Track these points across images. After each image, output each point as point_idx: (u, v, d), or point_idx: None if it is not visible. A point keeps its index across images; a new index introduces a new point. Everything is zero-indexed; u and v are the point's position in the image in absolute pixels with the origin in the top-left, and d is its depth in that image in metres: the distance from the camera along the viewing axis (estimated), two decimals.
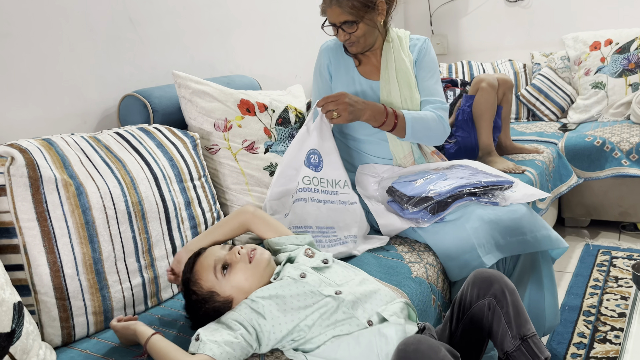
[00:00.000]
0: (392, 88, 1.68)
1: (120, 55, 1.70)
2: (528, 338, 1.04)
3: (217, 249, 1.14)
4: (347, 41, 1.62)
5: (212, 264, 1.10)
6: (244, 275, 1.09)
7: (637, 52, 2.79)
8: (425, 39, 1.79)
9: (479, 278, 1.14)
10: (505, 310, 1.08)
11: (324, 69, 1.75)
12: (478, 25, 3.48)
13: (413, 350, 0.90)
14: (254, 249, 1.13)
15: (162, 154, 1.40)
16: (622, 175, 2.46)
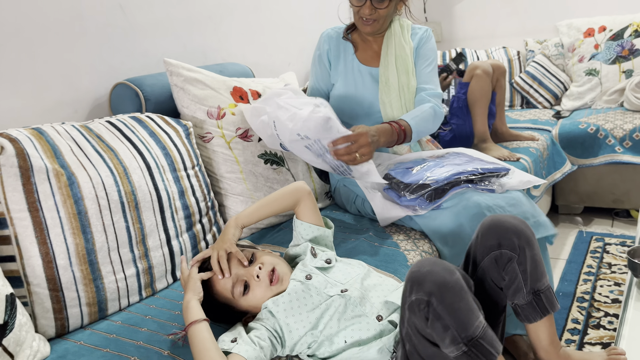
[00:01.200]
0: (390, 74, 1.68)
1: (111, 43, 1.67)
2: (541, 292, 1.02)
3: (236, 264, 1.10)
4: (370, 17, 1.59)
5: (229, 284, 1.08)
6: (264, 295, 1.07)
7: (630, 39, 2.78)
8: (427, 28, 1.80)
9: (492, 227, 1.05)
10: (523, 267, 1.02)
11: (324, 56, 1.75)
12: (472, 13, 3.46)
13: (427, 271, 0.88)
14: (273, 269, 1.09)
15: (154, 143, 1.38)
16: (616, 162, 2.46)
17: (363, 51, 1.73)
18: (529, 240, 1.03)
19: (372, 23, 1.61)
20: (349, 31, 1.76)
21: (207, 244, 1.45)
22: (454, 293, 0.87)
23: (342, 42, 1.74)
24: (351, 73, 1.72)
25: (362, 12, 1.59)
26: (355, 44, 1.74)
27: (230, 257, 1.11)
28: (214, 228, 1.49)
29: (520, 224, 1.05)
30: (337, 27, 1.78)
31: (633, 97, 2.57)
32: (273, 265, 1.10)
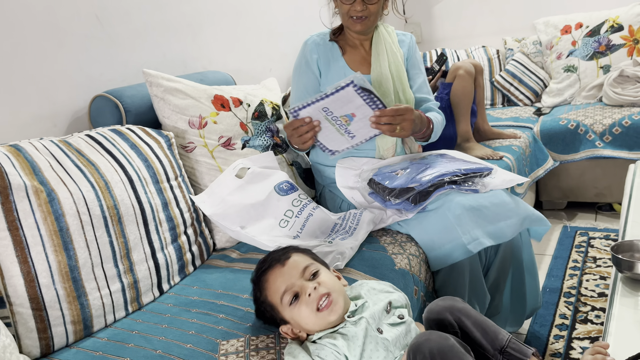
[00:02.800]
0: (383, 80, 1.65)
1: (89, 54, 1.65)
2: (506, 349, 0.99)
3: (296, 270, 1.05)
4: (362, 13, 1.56)
5: (282, 290, 1.03)
6: (308, 320, 1.01)
7: (607, 35, 2.82)
8: (411, 35, 1.80)
9: (430, 321, 1.05)
10: (473, 336, 1.01)
11: (314, 64, 1.68)
12: (451, 13, 3.49)
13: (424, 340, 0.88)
14: (329, 294, 1.02)
15: (136, 155, 1.37)
16: (597, 156, 2.50)
17: (351, 55, 1.70)
18: (460, 311, 1.02)
19: (364, 20, 1.58)
20: (335, 35, 1.72)
21: (193, 255, 1.44)
22: (452, 355, 0.87)
23: (330, 48, 1.69)
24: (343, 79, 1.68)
25: (354, 9, 1.55)
26: (342, 47, 1.71)
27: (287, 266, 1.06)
28: (199, 239, 1.48)
29: (445, 302, 1.04)
30: (321, 33, 1.73)
31: (611, 92, 2.60)
32: (329, 291, 1.02)
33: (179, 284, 1.37)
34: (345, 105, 1.42)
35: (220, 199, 1.49)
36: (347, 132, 1.49)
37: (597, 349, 0.90)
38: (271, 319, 1.08)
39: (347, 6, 1.56)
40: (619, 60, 2.77)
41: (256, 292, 1.09)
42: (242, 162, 1.60)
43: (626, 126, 2.42)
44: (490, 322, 1.03)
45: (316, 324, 1.01)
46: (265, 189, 1.53)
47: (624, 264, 1.12)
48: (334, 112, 1.44)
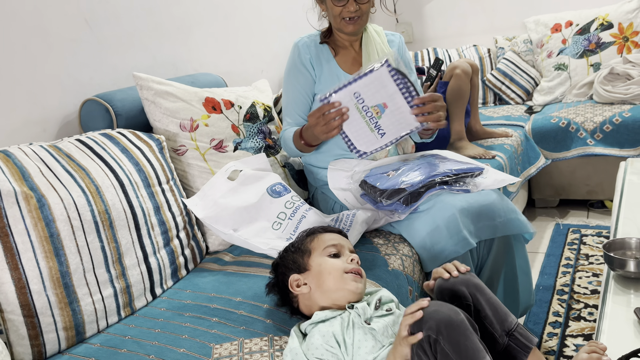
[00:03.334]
0: None
1: (78, 58, 1.64)
2: (514, 332, 1.01)
3: (350, 245, 1.15)
4: (355, 14, 1.55)
5: (332, 242, 1.11)
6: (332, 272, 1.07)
7: (596, 33, 2.84)
8: (400, 35, 1.80)
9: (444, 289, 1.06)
10: (484, 313, 1.02)
11: (308, 64, 1.66)
12: (441, 12, 3.50)
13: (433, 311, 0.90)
14: (362, 274, 1.10)
15: (127, 160, 1.36)
16: (588, 154, 2.51)
17: (342, 57, 1.69)
18: (476, 286, 1.04)
19: (357, 20, 1.58)
20: (325, 37, 1.70)
21: (186, 258, 1.44)
22: (459, 332, 0.87)
23: (321, 50, 1.68)
24: (337, 82, 1.61)
25: (347, 10, 1.54)
26: (334, 49, 1.69)
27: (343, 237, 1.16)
28: (192, 242, 1.48)
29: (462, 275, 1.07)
30: (311, 35, 1.71)
31: (602, 89, 2.62)
32: (363, 273, 1.11)
33: (172, 288, 1.37)
34: (378, 91, 1.34)
35: (212, 202, 1.49)
36: (377, 127, 1.39)
37: (593, 347, 0.90)
38: (291, 265, 1.11)
39: (340, 8, 1.55)
40: (609, 58, 2.79)
41: (303, 239, 1.15)
42: (234, 165, 1.60)
43: (617, 124, 2.43)
44: (502, 304, 1.05)
45: (336, 280, 1.06)
46: (257, 191, 1.53)
47: (616, 262, 1.13)
48: (366, 100, 1.36)
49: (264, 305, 1.19)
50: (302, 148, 1.58)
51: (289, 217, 1.48)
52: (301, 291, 1.08)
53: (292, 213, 1.49)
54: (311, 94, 1.68)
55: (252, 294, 1.25)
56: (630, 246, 1.19)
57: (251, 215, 1.47)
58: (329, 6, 1.58)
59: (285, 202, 1.51)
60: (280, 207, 1.50)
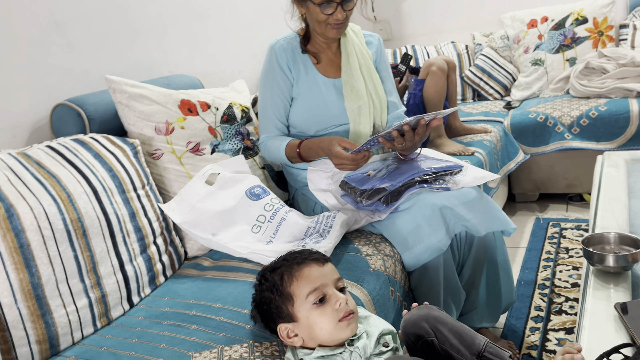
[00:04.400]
0: (355, 82, 1.63)
1: (48, 62, 1.60)
2: (483, 353, 0.99)
3: (332, 276, 1.02)
4: (340, 21, 1.53)
5: (315, 286, 0.99)
6: (324, 325, 0.98)
7: (572, 28, 2.86)
8: (378, 36, 1.79)
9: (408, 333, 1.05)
10: (449, 343, 1.00)
11: (285, 68, 1.62)
12: (419, 9, 3.50)
13: None
14: (353, 313, 1.00)
15: (100, 165, 1.33)
16: (566, 148, 2.53)
17: (322, 62, 1.67)
18: (436, 319, 1.02)
19: (341, 25, 1.56)
20: (305, 44, 1.67)
21: (163, 265, 1.41)
22: None
23: (299, 56, 1.65)
24: (316, 87, 1.63)
25: (335, 18, 1.52)
26: (315, 56, 1.67)
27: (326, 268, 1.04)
28: (170, 248, 1.45)
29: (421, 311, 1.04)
30: (287, 37, 1.67)
31: (578, 84, 2.64)
32: (354, 311, 1.01)
33: (150, 296, 1.34)
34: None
35: (190, 206, 1.46)
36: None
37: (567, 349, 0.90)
38: (275, 312, 1.01)
39: (326, 15, 1.52)
40: (584, 53, 2.82)
41: (277, 280, 1.02)
42: (212, 168, 1.57)
43: (593, 117, 2.45)
44: (467, 328, 1.03)
45: (330, 332, 0.98)
46: (236, 194, 1.50)
47: (595, 256, 1.13)
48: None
49: (244, 310, 1.17)
50: (293, 159, 1.59)
51: (268, 220, 1.46)
52: (293, 342, 1.00)
53: (272, 215, 1.47)
54: (289, 98, 1.65)
55: (232, 299, 1.22)
56: (609, 240, 1.19)
57: (230, 218, 1.45)
58: (313, 11, 1.54)
59: (265, 204, 1.49)
60: (259, 210, 1.48)
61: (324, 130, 1.65)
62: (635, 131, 2.38)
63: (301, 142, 1.56)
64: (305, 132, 1.66)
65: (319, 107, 1.63)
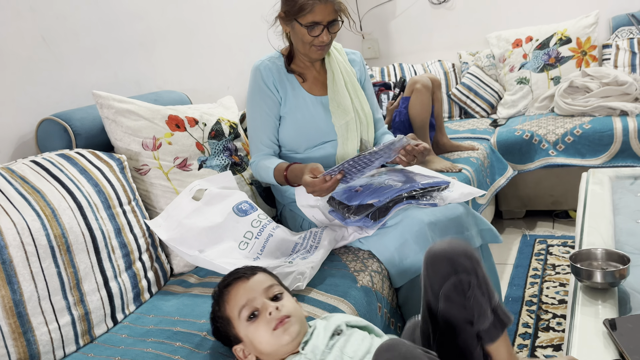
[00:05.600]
0: (341, 99, 1.64)
1: (35, 77, 1.59)
2: (497, 308, 0.96)
3: (260, 287, 1.03)
4: (324, 43, 1.55)
5: (242, 303, 1.00)
6: (262, 339, 0.98)
7: (556, 47, 2.92)
8: (359, 53, 1.82)
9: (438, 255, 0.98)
10: (481, 289, 0.96)
11: (272, 87, 1.63)
12: (406, 28, 3.55)
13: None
14: (289, 317, 0.99)
15: (85, 181, 1.31)
16: (551, 165, 2.56)
17: (307, 80, 1.68)
18: (478, 261, 0.99)
19: (324, 47, 1.58)
20: (289, 64, 1.68)
21: (149, 281, 1.39)
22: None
23: (285, 75, 1.65)
24: (303, 105, 1.64)
25: (321, 40, 1.53)
26: (301, 75, 1.67)
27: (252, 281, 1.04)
28: (155, 264, 1.43)
29: (465, 245, 1.00)
30: (271, 57, 1.68)
31: (562, 102, 2.68)
32: (290, 314, 1.00)
33: (134, 313, 1.31)
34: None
35: (176, 222, 1.45)
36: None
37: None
38: (225, 336, 1.04)
39: (312, 37, 1.53)
40: (568, 72, 2.87)
41: (215, 306, 1.06)
42: (199, 184, 1.56)
43: (577, 135, 2.49)
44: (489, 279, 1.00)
45: (269, 343, 0.98)
46: (223, 210, 1.49)
47: (583, 273, 1.13)
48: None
49: None
50: (281, 182, 1.58)
51: (255, 236, 1.45)
52: (248, 358, 1.01)
53: (259, 232, 1.46)
54: (278, 116, 1.66)
55: None
56: (596, 257, 1.20)
57: (217, 235, 1.44)
58: (299, 32, 1.54)
59: (252, 220, 1.48)
60: (246, 226, 1.47)
61: (313, 148, 1.65)
62: (619, 148, 2.41)
63: (288, 167, 1.55)
64: (295, 150, 1.66)
65: (307, 124, 1.63)
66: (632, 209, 1.53)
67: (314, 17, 1.49)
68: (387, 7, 3.55)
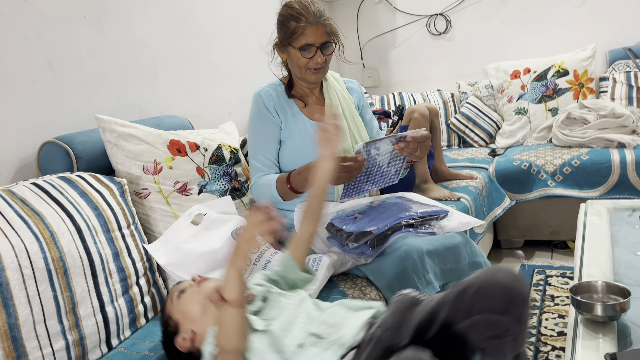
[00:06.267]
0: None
1: (39, 101, 1.61)
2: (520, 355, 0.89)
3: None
4: (320, 65, 1.60)
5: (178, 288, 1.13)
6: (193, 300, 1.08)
7: (553, 79, 2.96)
8: (357, 82, 1.86)
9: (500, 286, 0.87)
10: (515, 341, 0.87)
11: (273, 111, 1.67)
12: (406, 58, 3.60)
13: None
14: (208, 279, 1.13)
15: (85, 204, 1.31)
16: (549, 195, 2.56)
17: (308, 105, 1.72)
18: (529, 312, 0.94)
19: (320, 70, 1.62)
20: (289, 90, 1.72)
21: (145, 307, 1.38)
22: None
23: (285, 100, 1.70)
24: (303, 130, 1.67)
25: (315, 62, 1.58)
26: (302, 100, 1.71)
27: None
28: (152, 289, 1.42)
29: (528, 290, 0.92)
30: (271, 84, 1.73)
31: (560, 133, 2.71)
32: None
33: (130, 339, 1.30)
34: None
35: (175, 247, 1.44)
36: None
37: None
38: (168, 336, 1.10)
39: (307, 60, 1.58)
40: (565, 103, 2.90)
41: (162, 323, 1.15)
42: (199, 208, 1.56)
43: (575, 166, 2.50)
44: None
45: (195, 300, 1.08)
46: (222, 235, 1.49)
47: (584, 305, 1.12)
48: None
49: None
50: (285, 194, 1.58)
51: (254, 263, 1.44)
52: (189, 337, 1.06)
53: (258, 258, 1.45)
54: (278, 139, 1.69)
55: None
56: (597, 289, 1.19)
57: (215, 261, 1.43)
58: (294, 56, 1.60)
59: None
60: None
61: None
62: (617, 180, 2.43)
63: (290, 172, 1.58)
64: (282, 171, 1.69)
65: (306, 148, 1.65)
66: (631, 241, 1.53)
67: (306, 39, 1.55)
68: (388, 37, 3.61)
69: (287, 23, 1.58)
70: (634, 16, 3.02)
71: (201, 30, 2.35)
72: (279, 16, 1.63)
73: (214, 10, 2.43)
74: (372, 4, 3.59)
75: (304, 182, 1.53)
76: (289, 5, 1.60)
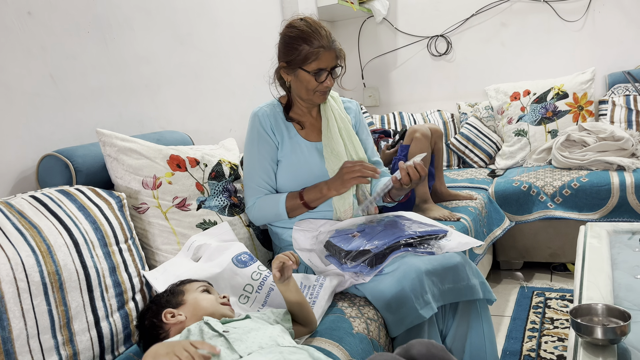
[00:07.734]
0: (335, 145, 1.67)
1: (40, 113, 1.61)
2: None
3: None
4: (329, 88, 1.61)
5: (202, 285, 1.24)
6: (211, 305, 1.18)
7: (553, 102, 2.98)
8: (356, 102, 1.87)
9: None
10: None
11: (270, 132, 1.67)
12: (407, 78, 3.63)
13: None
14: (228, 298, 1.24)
15: (83, 217, 1.31)
16: (549, 217, 2.56)
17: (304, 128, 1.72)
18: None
19: (327, 92, 1.64)
20: (287, 111, 1.72)
21: None
22: None
23: (282, 121, 1.69)
24: (299, 150, 1.67)
25: (325, 85, 1.58)
26: (300, 123, 1.71)
27: None
28: None
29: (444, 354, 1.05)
30: (269, 105, 1.72)
31: (560, 155, 2.71)
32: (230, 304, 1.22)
33: (124, 354, 1.28)
34: None
35: (174, 276, 1.41)
36: None
37: None
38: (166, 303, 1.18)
39: (317, 83, 1.58)
40: (565, 125, 2.92)
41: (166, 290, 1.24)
42: (197, 240, 1.54)
43: (575, 188, 2.50)
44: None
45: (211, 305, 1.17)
46: (222, 261, 1.47)
47: (584, 328, 1.11)
48: None
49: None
50: (293, 210, 1.61)
51: (256, 290, 1.42)
52: (177, 320, 1.13)
53: (260, 285, 1.42)
54: (275, 160, 1.68)
55: None
56: (597, 312, 1.18)
57: (215, 287, 1.41)
58: (303, 79, 1.58)
59: (252, 272, 1.45)
60: (246, 279, 1.43)
61: (297, 188, 1.68)
62: (616, 203, 2.42)
63: (303, 189, 1.62)
64: (278, 189, 1.69)
65: (302, 169, 1.66)
66: (631, 264, 1.52)
67: (319, 64, 1.54)
68: (389, 58, 3.64)
69: (297, 45, 1.55)
70: (633, 40, 3.05)
71: (204, 47, 2.37)
72: (284, 36, 1.60)
73: (216, 27, 2.45)
74: (374, 25, 3.63)
75: (317, 194, 1.58)
76: (294, 25, 1.57)
